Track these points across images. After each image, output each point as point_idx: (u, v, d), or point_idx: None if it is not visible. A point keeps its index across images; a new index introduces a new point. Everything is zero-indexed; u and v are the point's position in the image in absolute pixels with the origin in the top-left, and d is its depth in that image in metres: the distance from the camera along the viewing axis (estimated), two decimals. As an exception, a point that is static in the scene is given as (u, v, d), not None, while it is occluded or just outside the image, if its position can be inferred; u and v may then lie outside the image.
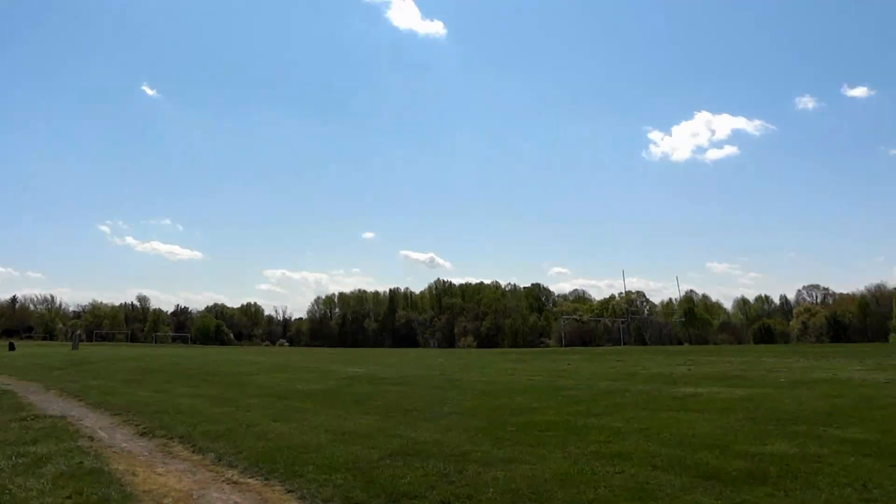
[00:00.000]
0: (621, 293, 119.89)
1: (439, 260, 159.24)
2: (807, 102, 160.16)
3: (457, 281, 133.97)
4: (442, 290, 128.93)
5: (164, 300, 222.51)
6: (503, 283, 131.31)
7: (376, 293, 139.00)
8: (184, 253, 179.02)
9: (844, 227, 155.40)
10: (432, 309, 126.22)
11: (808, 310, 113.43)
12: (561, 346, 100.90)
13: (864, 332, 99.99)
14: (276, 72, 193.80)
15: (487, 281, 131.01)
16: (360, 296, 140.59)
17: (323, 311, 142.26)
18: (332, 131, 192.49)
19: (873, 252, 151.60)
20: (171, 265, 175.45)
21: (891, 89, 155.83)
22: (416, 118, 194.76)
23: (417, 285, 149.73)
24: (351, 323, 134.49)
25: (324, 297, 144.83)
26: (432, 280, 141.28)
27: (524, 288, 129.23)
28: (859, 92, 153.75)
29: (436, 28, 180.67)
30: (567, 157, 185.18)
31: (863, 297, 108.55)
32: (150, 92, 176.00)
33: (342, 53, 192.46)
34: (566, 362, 36.17)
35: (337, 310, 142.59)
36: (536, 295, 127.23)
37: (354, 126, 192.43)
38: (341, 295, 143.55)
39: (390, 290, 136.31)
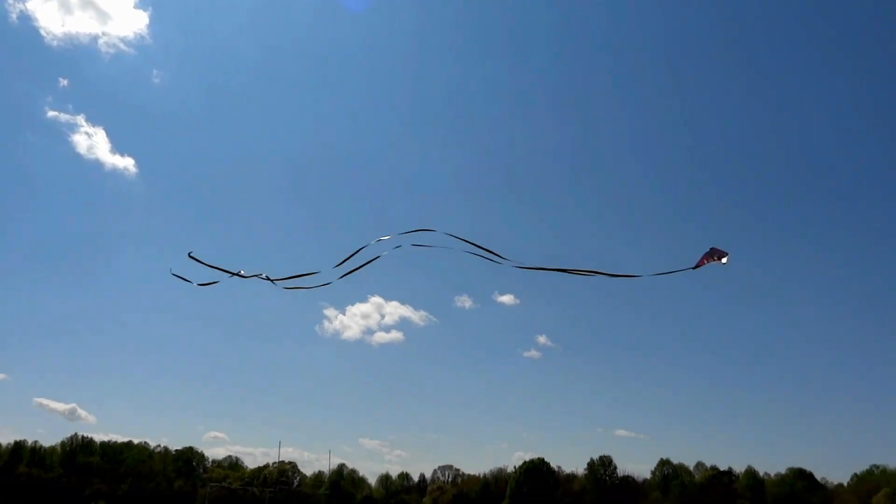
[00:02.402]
0: (275, 462, 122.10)
1: (82, 412, 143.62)
2: (465, 301, 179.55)
3: (100, 437, 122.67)
4: (79, 447, 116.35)
5: None
6: (153, 443, 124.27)
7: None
8: None
9: (479, 414, 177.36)
10: (62, 467, 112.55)
11: (439, 488, 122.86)
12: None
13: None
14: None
15: (136, 440, 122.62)
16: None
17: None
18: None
19: (499, 438, 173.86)
20: None
21: (530, 300, 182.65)
22: (83, 251, 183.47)
23: (51, 439, 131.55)
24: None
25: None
26: (70, 434, 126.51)
27: (176, 450, 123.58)
28: (507, 299, 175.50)
29: (125, 164, 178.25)
30: (240, 322, 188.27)
31: (485, 478, 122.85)
32: None
33: (13, 172, 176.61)
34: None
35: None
36: (188, 458, 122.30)
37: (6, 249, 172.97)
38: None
39: (15, 442, 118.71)
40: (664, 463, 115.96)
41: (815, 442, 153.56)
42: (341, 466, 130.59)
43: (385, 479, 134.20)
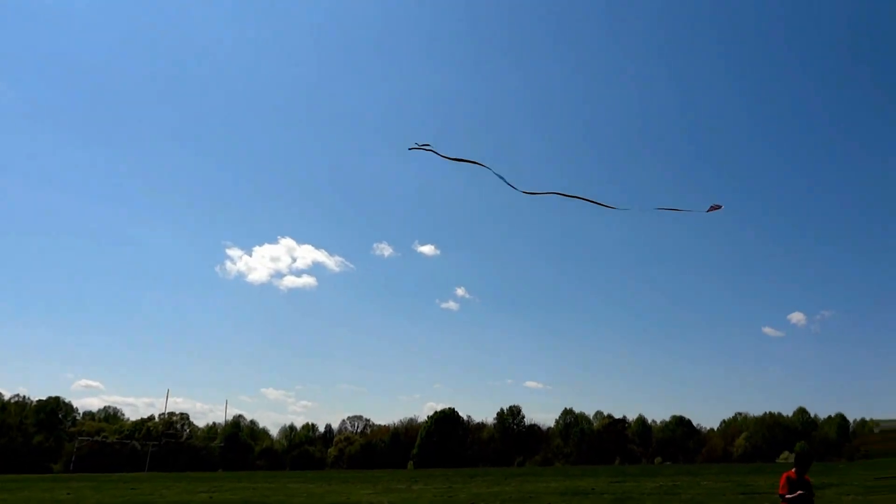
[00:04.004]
0: (162, 414, 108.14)
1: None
2: (384, 249, 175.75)
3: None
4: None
5: None
6: (7, 393, 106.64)
7: None
8: None
9: (392, 365, 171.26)
10: None
11: (347, 438, 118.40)
12: (69, 472, 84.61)
13: (392, 459, 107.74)
14: None
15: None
16: None
17: None
18: None
19: (412, 390, 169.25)
20: None
21: (451, 251, 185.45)
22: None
23: None
24: None
25: None
26: None
27: (38, 401, 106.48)
28: (427, 249, 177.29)
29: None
30: (124, 257, 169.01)
31: (395, 428, 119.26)
32: None
33: None
34: (66, 491, 33.59)
35: None
36: (52, 410, 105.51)
37: None
38: None
39: None
40: (567, 412, 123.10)
41: (693, 393, 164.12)
42: (238, 417, 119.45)
43: (288, 431, 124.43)
